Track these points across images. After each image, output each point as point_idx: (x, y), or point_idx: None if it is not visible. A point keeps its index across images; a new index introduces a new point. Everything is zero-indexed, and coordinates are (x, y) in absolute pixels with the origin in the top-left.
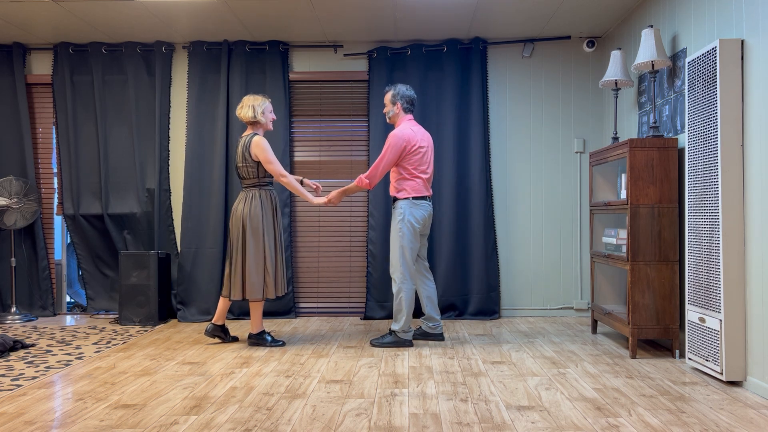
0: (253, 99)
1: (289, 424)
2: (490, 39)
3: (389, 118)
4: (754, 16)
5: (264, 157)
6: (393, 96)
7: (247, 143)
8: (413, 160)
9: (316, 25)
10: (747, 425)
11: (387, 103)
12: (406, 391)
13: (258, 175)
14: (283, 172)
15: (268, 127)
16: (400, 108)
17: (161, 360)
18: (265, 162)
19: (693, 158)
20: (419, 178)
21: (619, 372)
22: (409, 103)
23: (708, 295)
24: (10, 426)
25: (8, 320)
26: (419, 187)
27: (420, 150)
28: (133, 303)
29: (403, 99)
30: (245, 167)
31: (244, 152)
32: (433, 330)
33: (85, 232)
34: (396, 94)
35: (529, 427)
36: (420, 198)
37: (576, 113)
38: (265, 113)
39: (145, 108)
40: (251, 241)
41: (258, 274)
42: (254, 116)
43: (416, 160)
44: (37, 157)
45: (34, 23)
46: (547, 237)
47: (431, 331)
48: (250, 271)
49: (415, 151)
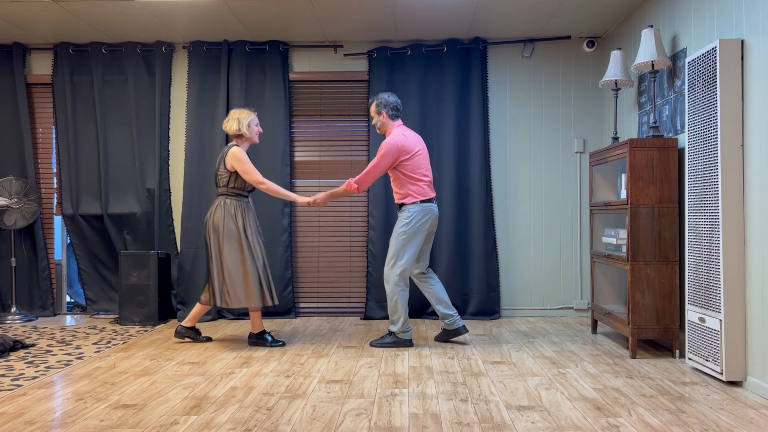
0: (239, 112)
1: (289, 424)
2: (490, 39)
3: (378, 128)
4: (754, 16)
5: (241, 167)
6: (376, 106)
7: (224, 153)
8: (411, 165)
9: (316, 25)
10: (747, 425)
11: (373, 115)
12: (406, 391)
13: (227, 184)
14: (261, 179)
15: (254, 140)
16: (386, 116)
17: (161, 360)
18: (242, 173)
19: (693, 158)
20: (422, 181)
21: (619, 372)
22: (394, 109)
23: (708, 295)
24: (10, 426)
25: (8, 320)
26: (424, 190)
27: (417, 154)
28: (133, 303)
29: (387, 107)
30: (218, 176)
31: (221, 162)
32: (450, 326)
33: (84, 232)
34: (379, 104)
35: (529, 427)
36: (427, 201)
37: (576, 113)
38: (251, 126)
39: (145, 108)
40: (225, 247)
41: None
42: (239, 129)
43: (415, 164)
44: (37, 157)
45: (34, 23)
46: (547, 237)
47: (450, 327)
48: (234, 277)
49: (411, 156)
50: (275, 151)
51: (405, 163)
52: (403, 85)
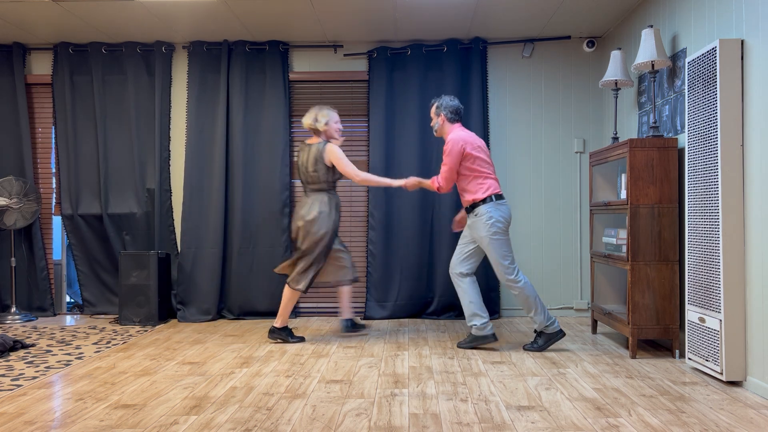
0: (318, 109)
1: (289, 424)
2: (490, 39)
3: (435, 130)
4: (754, 16)
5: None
6: (437, 108)
7: (320, 150)
8: (477, 161)
9: (316, 25)
10: (747, 425)
11: (432, 116)
12: (406, 391)
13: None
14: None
15: (333, 137)
16: (445, 119)
17: (161, 360)
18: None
19: (693, 158)
20: (491, 178)
21: (619, 372)
22: (454, 112)
23: (708, 295)
24: (10, 426)
25: (8, 320)
26: (496, 186)
27: (480, 149)
28: (133, 303)
29: (447, 109)
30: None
31: (317, 159)
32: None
33: (83, 232)
34: (439, 106)
35: (529, 427)
36: (500, 197)
37: (576, 113)
38: (329, 123)
39: (145, 108)
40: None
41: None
42: (313, 123)
43: (480, 161)
44: (36, 157)
45: (34, 23)
46: (547, 237)
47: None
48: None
49: (475, 151)
50: (275, 151)
51: (471, 159)
52: (403, 85)
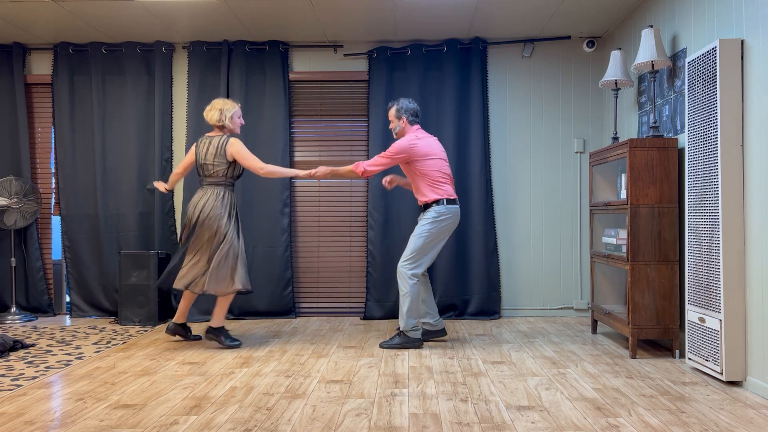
0: (222, 103)
1: (289, 424)
2: (490, 39)
3: (396, 133)
4: (754, 16)
5: (243, 156)
6: (397, 111)
7: (221, 143)
8: (431, 165)
9: (316, 25)
10: (747, 425)
11: (392, 119)
12: (406, 391)
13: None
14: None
15: (236, 131)
16: (406, 121)
17: (161, 360)
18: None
19: (693, 158)
20: (443, 182)
21: (619, 372)
22: (414, 115)
23: (708, 295)
24: (10, 426)
25: (8, 320)
26: (449, 190)
27: (431, 154)
28: (133, 303)
29: (408, 112)
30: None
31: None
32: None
33: (81, 233)
34: (400, 109)
35: (529, 427)
36: (452, 201)
37: (576, 113)
38: (233, 118)
39: (145, 108)
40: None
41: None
42: (220, 120)
43: (434, 165)
44: (35, 157)
45: (34, 23)
46: (547, 237)
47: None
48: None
49: (424, 155)
50: (275, 151)
51: (424, 162)
52: (403, 85)
